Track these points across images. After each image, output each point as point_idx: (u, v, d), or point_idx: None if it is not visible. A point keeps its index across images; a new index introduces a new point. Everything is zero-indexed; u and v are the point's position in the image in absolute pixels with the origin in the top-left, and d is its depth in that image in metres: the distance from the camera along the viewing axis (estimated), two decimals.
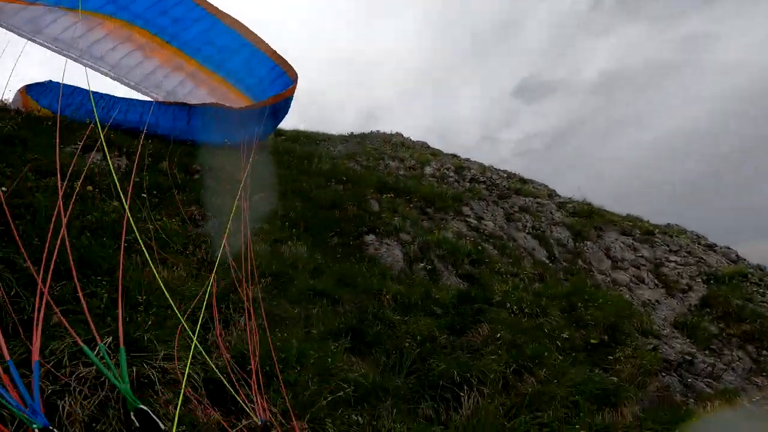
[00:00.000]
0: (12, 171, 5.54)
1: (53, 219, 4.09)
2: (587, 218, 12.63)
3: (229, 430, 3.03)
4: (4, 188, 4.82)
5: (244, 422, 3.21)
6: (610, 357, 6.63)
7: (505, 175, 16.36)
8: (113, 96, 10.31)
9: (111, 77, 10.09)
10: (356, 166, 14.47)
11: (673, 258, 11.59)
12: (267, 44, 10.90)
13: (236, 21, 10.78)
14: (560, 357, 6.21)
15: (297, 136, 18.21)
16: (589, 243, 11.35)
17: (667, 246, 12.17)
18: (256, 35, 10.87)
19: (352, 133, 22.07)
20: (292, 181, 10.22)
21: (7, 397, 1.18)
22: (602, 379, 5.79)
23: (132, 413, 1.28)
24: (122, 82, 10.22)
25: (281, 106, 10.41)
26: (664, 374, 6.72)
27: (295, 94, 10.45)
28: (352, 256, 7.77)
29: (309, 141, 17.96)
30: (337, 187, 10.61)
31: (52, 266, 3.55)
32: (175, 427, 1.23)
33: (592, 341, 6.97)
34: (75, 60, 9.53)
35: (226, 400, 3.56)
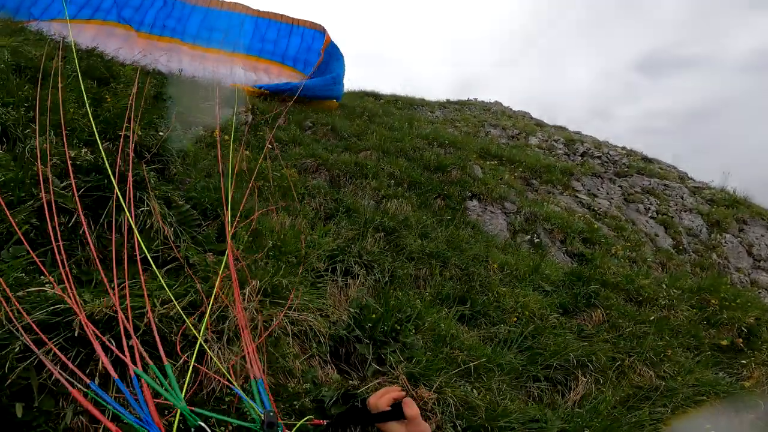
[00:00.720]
0: (162, 122, 6.14)
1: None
2: (729, 208, 10.78)
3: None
4: (161, 132, 5.35)
5: (373, 382, 3.26)
6: (743, 362, 5.91)
7: (624, 153, 14.57)
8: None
9: None
10: (455, 131, 13.93)
11: None
12: (281, 14, 12.01)
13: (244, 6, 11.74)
14: (687, 354, 5.62)
15: (395, 100, 18.15)
16: (728, 236, 9.73)
17: None
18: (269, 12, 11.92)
19: (449, 99, 21.38)
20: (394, 141, 10.15)
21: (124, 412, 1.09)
22: (730, 384, 5.23)
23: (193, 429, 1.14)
24: None
25: (332, 55, 11.64)
26: None
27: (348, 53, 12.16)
28: (456, 220, 7.57)
29: (407, 105, 17.76)
30: (439, 150, 10.32)
31: None
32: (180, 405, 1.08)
33: (722, 343, 6.23)
34: None
35: (347, 357, 3.64)
